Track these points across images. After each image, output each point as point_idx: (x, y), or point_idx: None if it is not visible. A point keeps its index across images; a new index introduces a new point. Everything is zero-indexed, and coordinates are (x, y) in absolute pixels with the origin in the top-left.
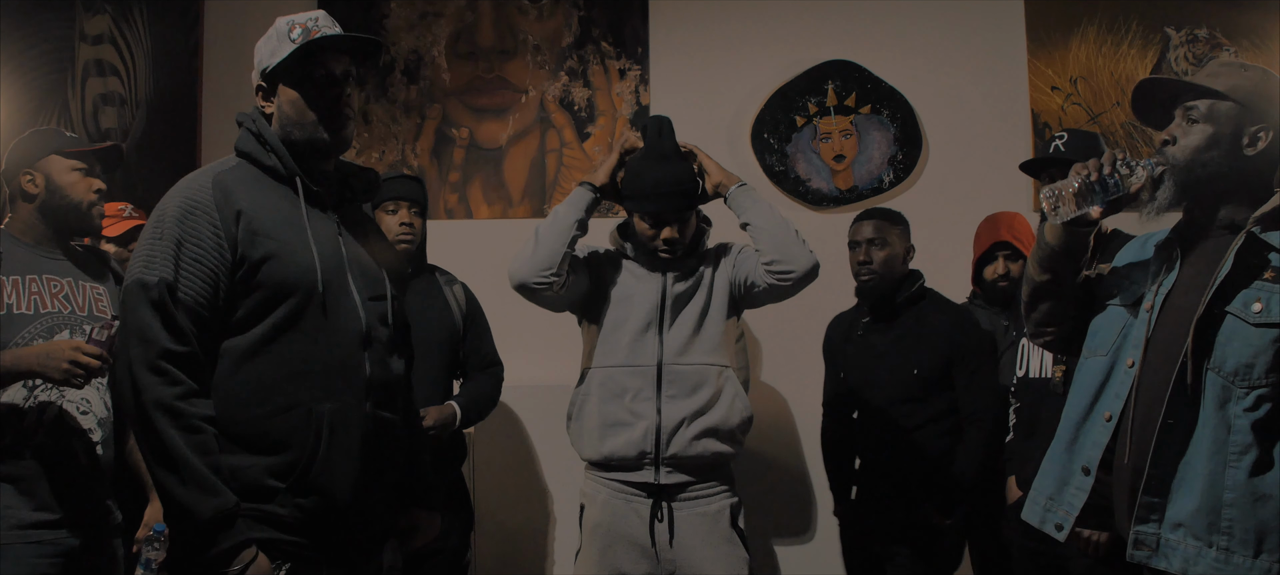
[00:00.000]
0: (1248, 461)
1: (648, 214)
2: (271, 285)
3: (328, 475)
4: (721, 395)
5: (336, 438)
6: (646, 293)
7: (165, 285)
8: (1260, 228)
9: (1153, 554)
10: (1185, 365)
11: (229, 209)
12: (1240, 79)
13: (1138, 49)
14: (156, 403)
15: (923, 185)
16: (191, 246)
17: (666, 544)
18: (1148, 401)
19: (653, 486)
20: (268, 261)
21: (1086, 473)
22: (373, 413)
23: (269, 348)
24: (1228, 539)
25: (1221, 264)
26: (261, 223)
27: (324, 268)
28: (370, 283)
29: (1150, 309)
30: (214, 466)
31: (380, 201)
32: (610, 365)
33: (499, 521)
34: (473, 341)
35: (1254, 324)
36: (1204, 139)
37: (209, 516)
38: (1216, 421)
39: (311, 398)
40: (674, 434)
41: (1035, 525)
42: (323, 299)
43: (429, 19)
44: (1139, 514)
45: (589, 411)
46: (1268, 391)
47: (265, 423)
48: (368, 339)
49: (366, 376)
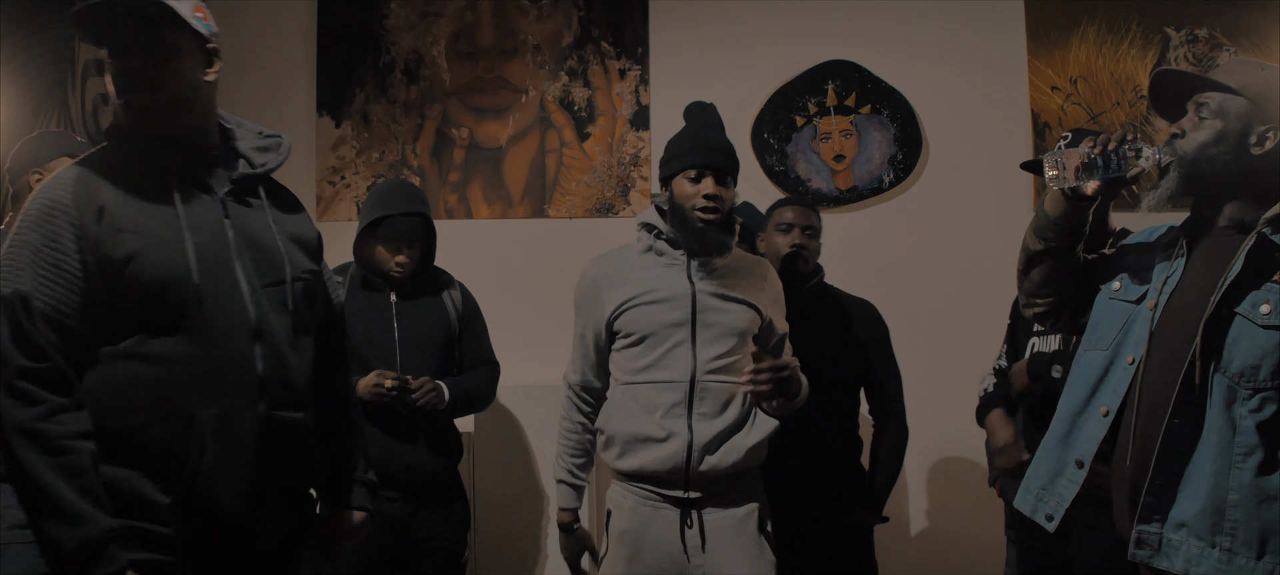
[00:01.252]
0: (1253, 463)
1: (690, 165)
2: (140, 284)
3: (214, 488)
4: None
5: (223, 446)
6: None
7: (19, 298)
8: (1271, 229)
9: (1155, 554)
10: (1192, 365)
11: (91, 206)
12: (1255, 77)
13: (1138, 49)
14: (15, 427)
15: (923, 185)
16: (49, 252)
17: (698, 549)
18: (1151, 400)
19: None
20: (133, 260)
21: (1080, 466)
22: (268, 414)
23: (144, 351)
24: (1231, 540)
25: (1232, 264)
26: (126, 217)
27: (200, 258)
28: (266, 267)
29: (1154, 306)
30: (85, 487)
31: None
32: (641, 381)
33: (497, 521)
34: (469, 342)
35: (1262, 326)
36: (1212, 134)
37: (71, 549)
38: (1222, 422)
39: (192, 403)
40: (705, 454)
41: (1027, 514)
42: (199, 294)
43: (429, 19)
44: (1142, 513)
45: (619, 426)
46: (1274, 393)
47: (144, 433)
48: (258, 332)
49: (258, 374)
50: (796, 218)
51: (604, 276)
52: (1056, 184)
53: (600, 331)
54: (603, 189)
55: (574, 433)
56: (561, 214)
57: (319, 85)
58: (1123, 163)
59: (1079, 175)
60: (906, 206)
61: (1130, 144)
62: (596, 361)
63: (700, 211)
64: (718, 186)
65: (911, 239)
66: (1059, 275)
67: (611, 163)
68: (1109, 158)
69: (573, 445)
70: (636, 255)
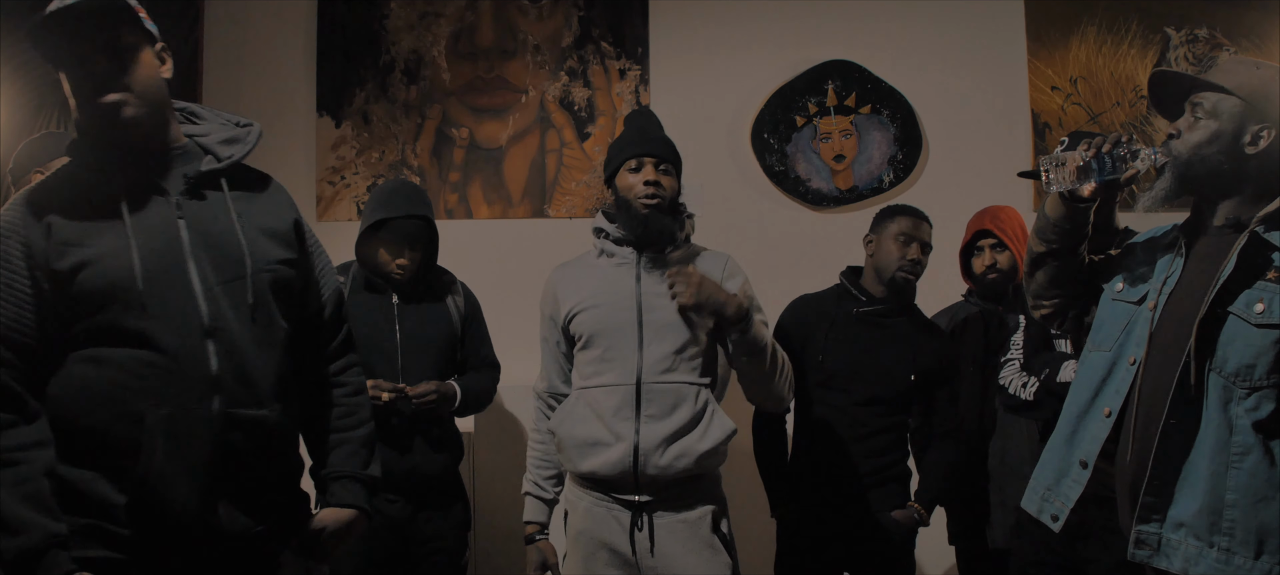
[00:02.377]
0: (1249, 462)
1: (629, 156)
2: (88, 295)
3: (167, 487)
4: (701, 417)
5: (174, 446)
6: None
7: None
8: (1264, 227)
9: (1154, 553)
10: (1187, 365)
11: (39, 225)
12: (1250, 76)
13: (1138, 49)
14: None
15: (923, 185)
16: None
17: (647, 552)
18: (1150, 400)
19: (633, 503)
20: (82, 270)
21: (1084, 466)
22: (224, 412)
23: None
24: (1229, 540)
25: (1224, 264)
26: (73, 230)
27: (145, 263)
28: (224, 264)
29: (1153, 307)
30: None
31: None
32: (591, 385)
33: (497, 521)
34: (471, 344)
35: (1256, 325)
36: (1207, 134)
37: (11, 557)
38: (1218, 422)
39: (144, 404)
40: (652, 455)
41: (1033, 514)
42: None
43: (429, 19)
44: (1140, 513)
45: (570, 430)
46: (1270, 392)
47: (101, 435)
48: (212, 330)
49: (212, 373)
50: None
51: (561, 281)
52: (1054, 187)
53: (560, 337)
54: (603, 189)
55: (543, 444)
56: (561, 214)
57: (319, 85)
58: (1119, 164)
59: (1076, 177)
60: None
61: (1127, 145)
62: (562, 367)
63: (643, 199)
64: (658, 172)
65: None
66: (1063, 277)
67: None
68: (1104, 160)
69: (541, 456)
70: (592, 260)
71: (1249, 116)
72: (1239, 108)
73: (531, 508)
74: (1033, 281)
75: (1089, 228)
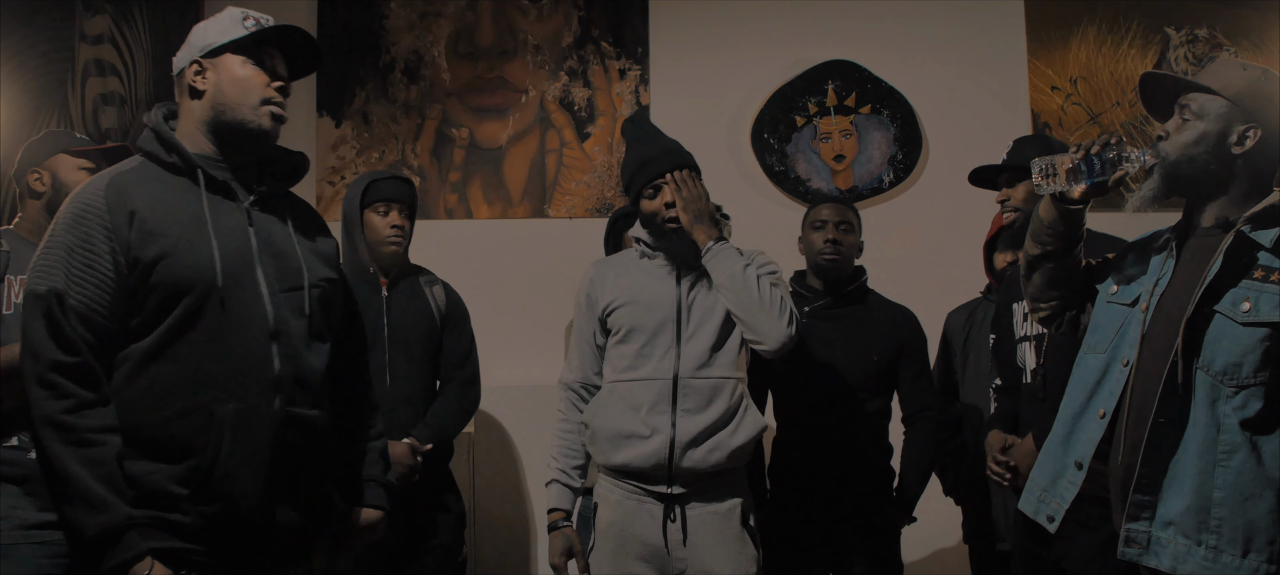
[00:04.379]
0: (1237, 461)
1: (641, 184)
2: (167, 285)
3: (231, 480)
4: (736, 412)
5: (240, 440)
6: (663, 299)
7: (55, 294)
8: (1251, 227)
9: (1144, 552)
10: (1175, 364)
11: (122, 211)
12: (1236, 77)
13: (1138, 49)
14: (44, 418)
15: (923, 185)
16: (82, 253)
17: (680, 544)
18: (1140, 400)
19: (665, 495)
20: (161, 261)
21: (1079, 467)
22: (284, 411)
23: (168, 349)
24: (1217, 537)
25: (1211, 263)
26: (156, 221)
27: (225, 261)
28: (285, 273)
29: (1145, 308)
30: (107, 478)
31: (371, 202)
32: (627, 378)
33: (494, 520)
34: (450, 340)
35: (1242, 323)
36: (1194, 135)
37: (93, 534)
38: (1206, 421)
39: (213, 399)
40: (687, 449)
41: (1030, 515)
42: (222, 295)
43: (429, 19)
44: (1130, 512)
45: (604, 422)
46: (1257, 390)
47: (166, 428)
48: (276, 333)
49: (275, 373)
50: (822, 214)
51: (600, 275)
52: (1044, 189)
53: (597, 328)
54: (603, 189)
55: (572, 433)
56: (561, 214)
57: (319, 85)
58: (1108, 166)
59: (1067, 180)
60: (906, 206)
61: (1116, 147)
62: (595, 359)
63: (667, 223)
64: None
65: (911, 239)
66: (1060, 278)
67: (611, 163)
68: (1094, 161)
69: (569, 446)
70: (634, 260)
71: (1235, 117)
72: (1225, 108)
73: (557, 494)
74: (1030, 284)
75: (1083, 229)
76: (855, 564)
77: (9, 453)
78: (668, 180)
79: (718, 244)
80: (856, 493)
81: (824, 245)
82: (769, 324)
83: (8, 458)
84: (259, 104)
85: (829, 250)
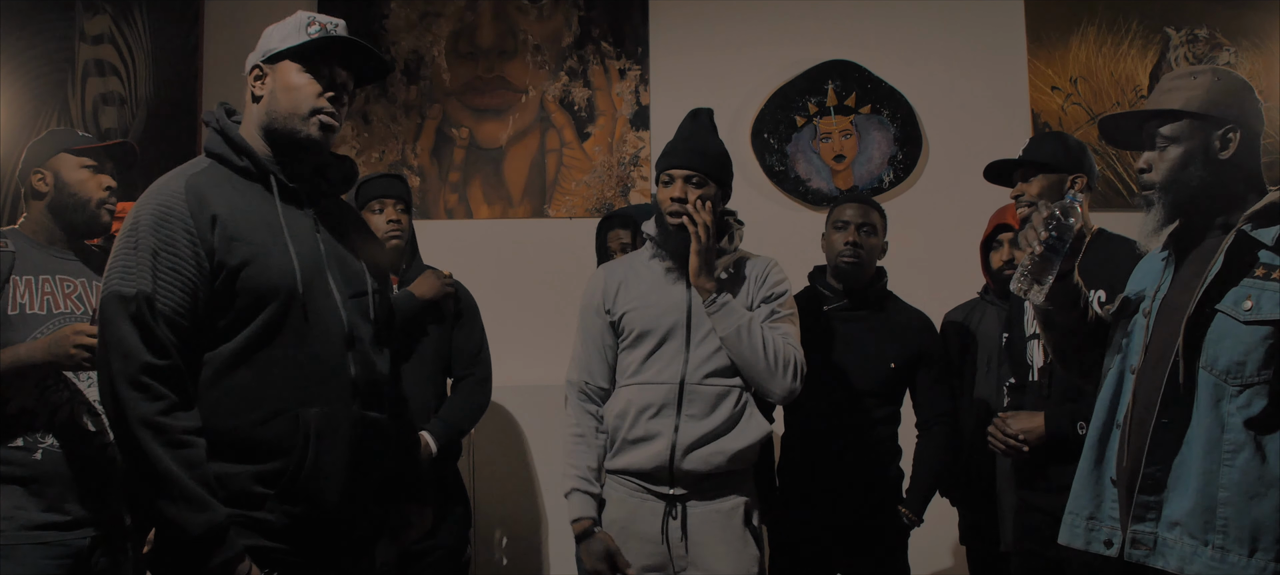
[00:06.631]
0: (1241, 459)
1: (659, 170)
2: (251, 291)
3: (316, 481)
4: (740, 417)
5: (324, 443)
6: (674, 304)
7: (144, 298)
8: (1252, 226)
9: (1150, 553)
10: (1176, 364)
11: (204, 215)
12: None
13: (1138, 49)
14: (140, 420)
15: (923, 185)
16: (168, 255)
17: (680, 541)
18: (1144, 402)
19: (667, 495)
20: (246, 267)
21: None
22: (360, 414)
23: (252, 355)
24: (1223, 537)
25: (1212, 263)
26: (237, 227)
27: (303, 269)
28: (350, 280)
29: (1148, 314)
30: (202, 479)
31: (365, 202)
32: (634, 382)
33: (497, 520)
34: (460, 338)
35: (1244, 322)
36: (1179, 157)
37: (199, 533)
38: (1210, 420)
39: (297, 403)
40: (688, 453)
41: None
42: (303, 302)
43: (429, 19)
44: (1135, 513)
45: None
46: (1261, 388)
47: (252, 431)
48: (351, 339)
49: (351, 377)
50: (845, 214)
51: (612, 277)
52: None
53: (605, 329)
54: (603, 189)
55: (585, 437)
56: (561, 214)
57: None
58: (1064, 230)
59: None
60: (906, 206)
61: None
62: (604, 360)
63: (670, 216)
64: (687, 186)
65: (911, 239)
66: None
67: (611, 163)
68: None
69: (584, 451)
70: (644, 261)
71: (1210, 126)
72: (1196, 124)
73: (581, 503)
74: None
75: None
76: (863, 565)
77: (13, 453)
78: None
79: (721, 298)
80: (866, 495)
81: (844, 247)
82: (772, 382)
83: (11, 458)
84: (309, 114)
85: (849, 253)
